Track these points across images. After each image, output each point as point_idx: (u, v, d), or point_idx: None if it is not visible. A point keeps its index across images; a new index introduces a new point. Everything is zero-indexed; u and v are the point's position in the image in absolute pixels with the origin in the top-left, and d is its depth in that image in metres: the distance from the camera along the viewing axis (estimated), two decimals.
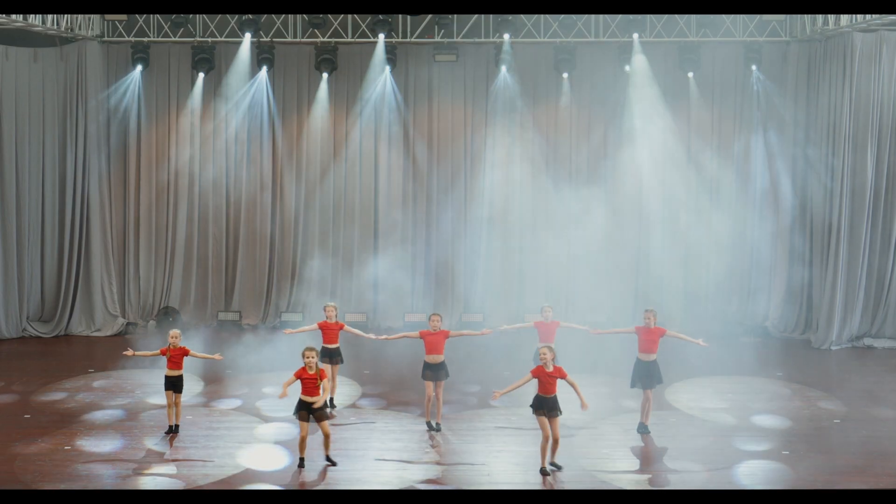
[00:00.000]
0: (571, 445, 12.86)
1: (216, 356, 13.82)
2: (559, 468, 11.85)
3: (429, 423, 13.58)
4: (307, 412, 11.88)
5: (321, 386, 11.87)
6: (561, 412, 11.80)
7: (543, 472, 11.69)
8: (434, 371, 13.50)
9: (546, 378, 11.68)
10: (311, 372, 11.84)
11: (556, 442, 11.72)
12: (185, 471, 11.89)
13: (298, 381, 11.88)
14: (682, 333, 13.87)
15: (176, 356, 13.35)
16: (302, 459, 12.02)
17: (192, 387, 15.88)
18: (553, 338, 14.47)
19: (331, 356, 14.50)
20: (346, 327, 14.74)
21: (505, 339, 17.51)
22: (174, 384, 13.38)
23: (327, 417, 12.10)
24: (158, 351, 13.56)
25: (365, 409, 14.85)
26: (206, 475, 11.69)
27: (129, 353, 13.68)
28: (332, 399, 14.71)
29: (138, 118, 21.28)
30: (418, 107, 21.60)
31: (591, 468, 12.05)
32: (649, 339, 13.33)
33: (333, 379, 14.62)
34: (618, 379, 15.26)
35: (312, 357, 11.87)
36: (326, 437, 12.05)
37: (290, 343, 16.13)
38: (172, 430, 13.36)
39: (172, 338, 13.45)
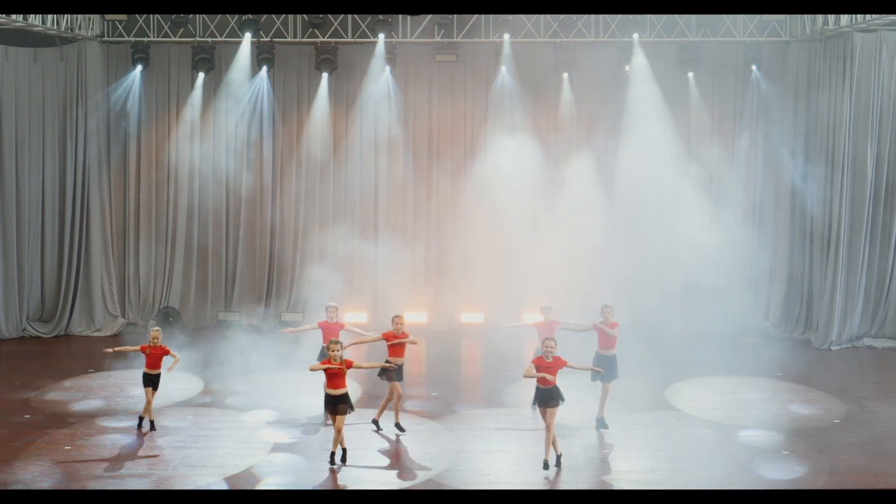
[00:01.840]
0: (572, 445, 12.86)
1: (175, 358, 13.76)
2: (550, 465, 11.84)
3: (396, 425, 13.51)
4: (333, 405, 11.96)
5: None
6: (563, 399, 11.85)
7: (546, 466, 11.81)
8: (399, 373, 13.44)
9: (544, 368, 11.70)
10: (337, 363, 11.91)
11: (548, 430, 11.72)
12: (185, 471, 11.88)
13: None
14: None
15: (155, 355, 13.44)
16: (333, 454, 12.01)
17: (193, 387, 15.89)
18: (553, 336, 14.46)
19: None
20: (348, 327, 14.75)
21: (506, 339, 17.52)
22: (153, 381, 13.47)
23: (344, 413, 12.07)
24: (139, 347, 13.70)
25: (365, 409, 14.83)
26: (206, 475, 11.69)
27: (110, 350, 14.06)
28: None
29: (138, 118, 21.29)
30: (418, 107, 21.61)
31: (592, 468, 12.04)
32: (606, 335, 13.49)
33: None
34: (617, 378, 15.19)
35: (337, 350, 11.97)
36: (337, 431, 12.01)
37: (290, 343, 16.14)
38: (141, 425, 13.44)
39: (153, 338, 13.54)
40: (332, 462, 11.98)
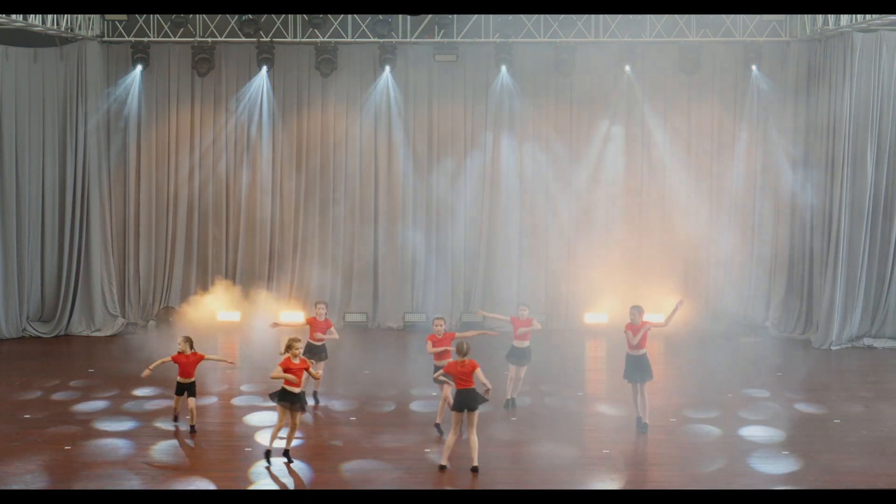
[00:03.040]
0: (571, 444, 12.86)
1: (229, 361, 13.84)
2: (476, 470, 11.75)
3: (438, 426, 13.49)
4: (291, 403, 11.99)
5: (306, 376, 11.95)
6: (485, 399, 11.77)
7: (442, 468, 11.73)
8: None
9: (458, 372, 11.71)
10: (296, 362, 12.00)
11: (471, 437, 11.73)
12: (185, 470, 11.88)
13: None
14: (666, 314, 13.63)
15: (189, 363, 13.30)
16: (269, 452, 12.09)
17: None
18: (528, 335, 14.51)
19: (316, 353, 14.64)
20: (332, 329, 14.83)
21: (502, 341, 17.50)
22: (187, 389, 13.35)
23: (302, 411, 12.16)
24: (170, 358, 13.46)
25: (364, 408, 14.84)
26: (206, 474, 11.68)
27: (147, 372, 13.49)
28: (315, 393, 14.82)
29: (138, 118, 21.30)
30: (418, 107, 21.61)
31: (591, 468, 12.03)
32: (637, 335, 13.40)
33: (317, 376, 14.74)
34: (614, 378, 15.22)
35: (298, 348, 12.10)
36: (293, 429, 12.08)
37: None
38: (192, 430, 13.40)
39: (184, 342, 13.43)
40: (269, 459, 12.02)
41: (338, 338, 14.91)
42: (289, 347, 12.10)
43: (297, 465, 11.97)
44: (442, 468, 11.72)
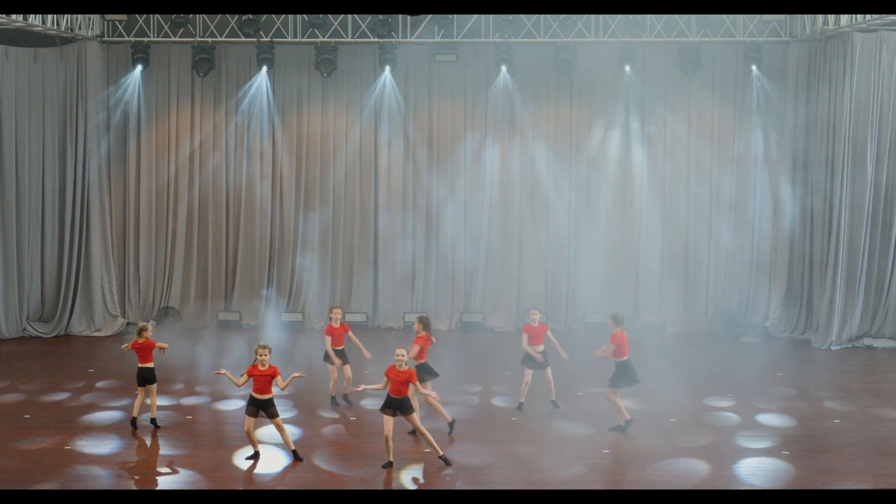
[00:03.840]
0: (571, 444, 12.87)
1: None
2: (448, 462, 11.96)
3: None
4: (255, 408, 12.11)
5: (275, 382, 12.10)
6: (413, 409, 12.07)
7: (388, 465, 11.81)
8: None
9: (396, 378, 11.78)
10: (263, 368, 12.08)
11: (422, 434, 11.97)
12: (185, 471, 11.88)
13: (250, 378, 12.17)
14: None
15: (144, 347, 13.54)
16: (256, 453, 12.23)
17: (192, 387, 15.89)
18: (541, 340, 14.44)
19: (340, 356, 14.66)
20: (350, 333, 14.88)
21: (503, 340, 17.52)
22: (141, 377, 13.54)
23: (278, 414, 12.21)
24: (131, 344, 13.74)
25: (366, 408, 14.84)
26: (206, 475, 11.69)
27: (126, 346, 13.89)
28: (346, 395, 14.96)
29: (138, 118, 21.31)
30: (418, 107, 21.61)
31: (591, 468, 12.04)
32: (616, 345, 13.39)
33: (347, 377, 14.85)
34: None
35: (265, 355, 12.14)
36: (281, 431, 12.19)
37: (288, 342, 16.15)
38: (154, 424, 13.54)
39: (143, 329, 13.62)
40: (253, 458, 12.18)
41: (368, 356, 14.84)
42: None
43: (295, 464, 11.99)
44: (447, 461, 11.89)
